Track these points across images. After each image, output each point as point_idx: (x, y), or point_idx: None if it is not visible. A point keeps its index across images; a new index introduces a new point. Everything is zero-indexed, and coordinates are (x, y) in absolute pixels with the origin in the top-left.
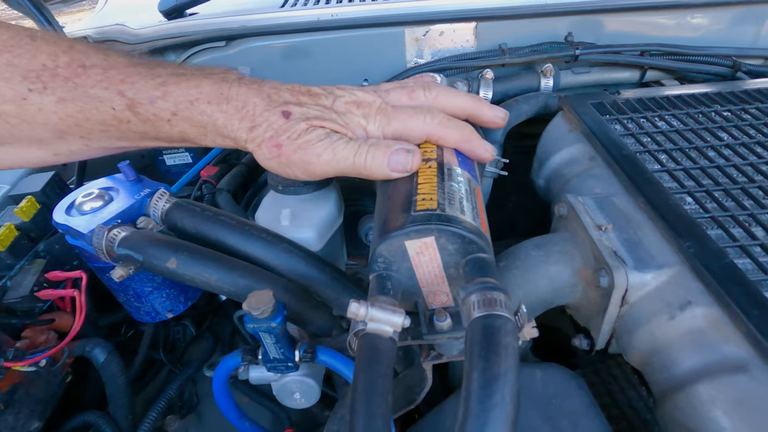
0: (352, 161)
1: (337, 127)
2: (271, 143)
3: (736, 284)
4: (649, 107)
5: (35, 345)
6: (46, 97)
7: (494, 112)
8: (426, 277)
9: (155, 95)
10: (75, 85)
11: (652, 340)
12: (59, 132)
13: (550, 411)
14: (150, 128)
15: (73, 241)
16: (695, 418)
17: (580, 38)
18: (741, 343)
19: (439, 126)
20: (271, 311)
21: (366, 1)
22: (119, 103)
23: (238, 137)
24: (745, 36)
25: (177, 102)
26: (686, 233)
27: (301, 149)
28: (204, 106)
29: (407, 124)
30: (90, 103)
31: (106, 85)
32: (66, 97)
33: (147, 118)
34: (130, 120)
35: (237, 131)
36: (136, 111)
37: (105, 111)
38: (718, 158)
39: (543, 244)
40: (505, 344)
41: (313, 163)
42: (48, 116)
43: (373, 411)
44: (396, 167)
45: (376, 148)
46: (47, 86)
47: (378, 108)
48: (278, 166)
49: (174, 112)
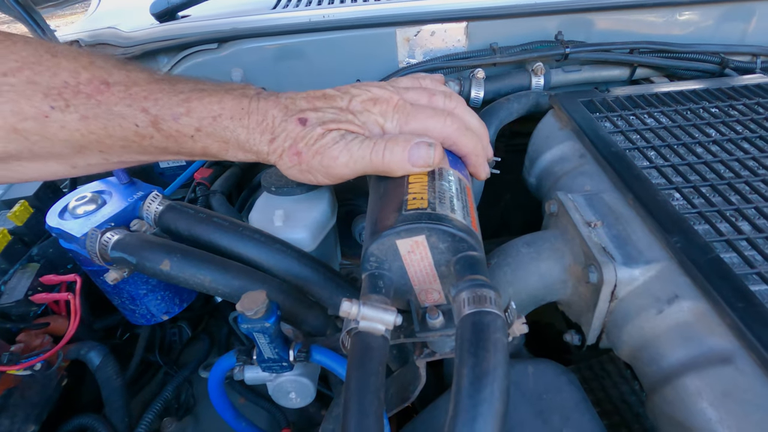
0: (369, 159)
1: (353, 128)
2: (290, 152)
3: (722, 278)
4: (638, 104)
5: (30, 349)
6: (69, 115)
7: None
8: (418, 275)
9: (179, 112)
10: (98, 102)
11: (641, 335)
12: (79, 148)
13: (541, 406)
14: (172, 144)
15: (67, 245)
16: (683, 410)
17: (570, 37)
18: (726, 335)
19: (457, 131)
20: (265, 311)
21: (357, 2)
22: (143, 120)
23: (260, 150)
24: (732, 33)
25: (201, 118)
26: (674, 229)
27: (318, 154)
28: (227, 122)
29: (426, 124)
30: (113, 120)
31: (130, 102)
32: (89, 115)
33: (170, 134)
34: (153, 136)
35: (258, 144)
36: (159, 127)
37: (128, 128)
38: (706, 154)
39: (534, 241)
40: (495, 340)
41: (331, 166)
42: (70, 133)
43: (366, 409)
44: (417, 162)
45: (394, 143)
46: (70, 104)
47: (396, 105)
48: (300, 173)
49: (198, 128)
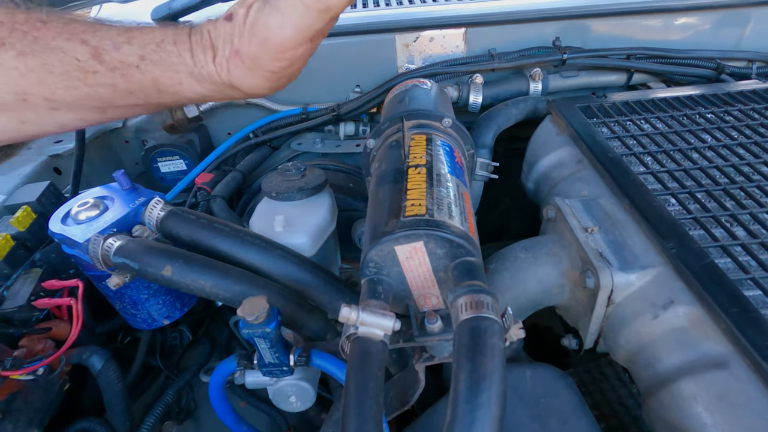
0: (301, 4)
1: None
2: (232, 56)
3: (716, 283)
4: (634, 110)
5: (33, 354)
6: (5, 53)
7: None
8: (416, 280)
9: (120, 40)
10: (35, 39)
11: (637, 339)
12: (22, 93)
13: (539, 409)
14: (119, 78)
15: (70, 251)
16: (678, 414)
17: (568, 43)
18: (721, 340)
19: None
20: (266, 317)
21: (357, 8)
22: (83, 52)
23: (210, 72)
24: (729, 39)
25: (143, 45)
26: (669, 234)
27: (252, 36)
28: (170, 47)
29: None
30: (52, 54)
31: (68, 36)
32: (26, 51)
33: (113, 66)
34: (96, 70)
35: (206, 65)
36: (102, 59)
37: (68, 62)
38: (701, 160)
39: (531, 246)
40: (492, 345)
41: (268, 37)
42: (8, 73)
43: (365, 413)
44: None
45: None
46: (5, 41)
47: None
48: (249, 74)
49: (141, 56)
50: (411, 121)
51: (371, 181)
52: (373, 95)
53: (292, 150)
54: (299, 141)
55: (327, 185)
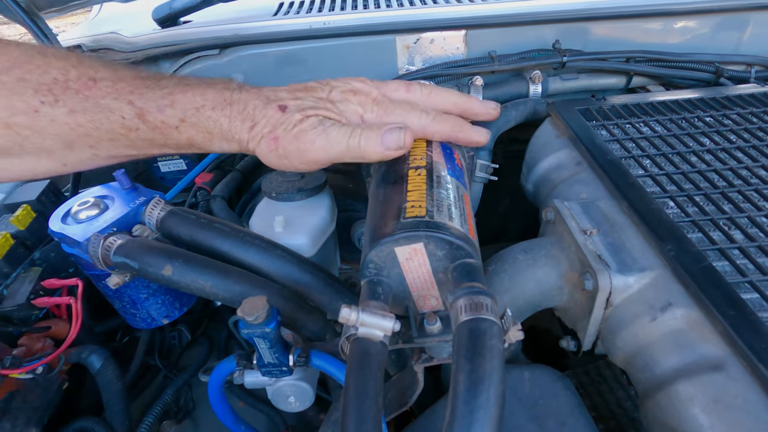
0: (346, 144)
1: (330, 114)
2: (269, 138)
3: (714, 286)
4: (633, 113)
5: (32, 352)
6: (58, 109)
7: (484, 106)
8: (416, 282)
9: (163, 104)
10: (86, 97)
11: (635, 341)
12: (69, 142)
13: (537, 411)
14: (158, 135)
15: (69, 250)
16: (675, 416)
17: (568, 45)
18: (718, 343)
19: (433, 121)
20: (265, 317)
21: (358, 10)
22: (129, 112)
23: (242, 138)
24: (727, 42)
25: (184, 109)
26: (667, 237)
27: (296, 139)
28: (209, 112)
29: (404, 118)
30: (101, 113)
31: (116, 96)
32: (77, 109)
33: (155, 125)
34: (139, 128)
35: (240, 132)
36: (146, 119)
37: (115, 120)
38: (700, 163)
39: (530, 248)
40: (491, 347)
41: (307, 150)
42: (59, 127)
43: (364, 413)
44: (390, 145)
45: (369, 129)
46: (59, 99)
47: (375, 98)
48: (277, 159)
49: (182, 119)
50: None
51: (371, 182)
52: None
53: None
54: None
55: (327, 186)
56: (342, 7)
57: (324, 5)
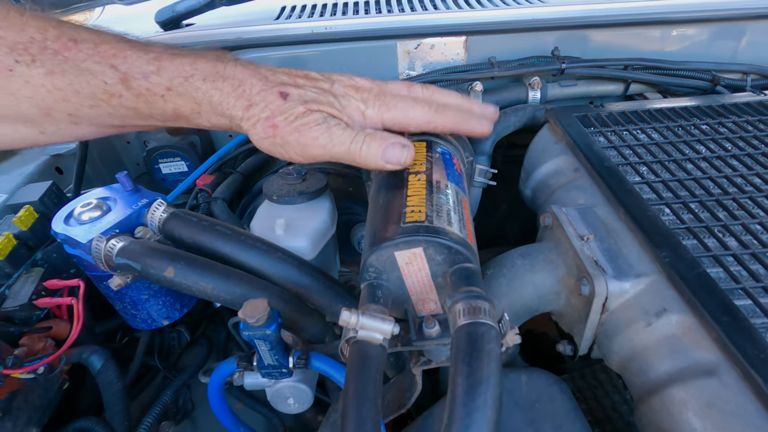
0: (347, 148)
1: (334, 111)
2: (267, 123)
3: (708, 293)
4: (631, 120)
5: (33, 352)
6: (35, 70)
7: (483, 109)
8: (415, 285)
9: (149, 69)
10: (65, 59)
11: (631, 346)
12: (46, 108)
13: (533, 414)
14: (143, 104)
15: (72, 251)
16: (669, 420)
17: (567, 52)
18: (711, 348)
19: (436, 113)
20: (266, 319)
21: (359, 15)
22: (111, 76)
23: (234, 115)
24: (724, 51)
25: (172, 77)
26: (663, 243)
27: (297, 131)
28: (199, 83)
29: (407, 113)
30: (81, 76)
31: (98, 59)
32: (55, 70)
33: (140, 93)
34: (122, 95)
35: (233, 109)
36: (129, 85)
37: (96, 85)
38: (695, 171)
39: (528, 253)
40: (488, 351)
41: (309, 145)
42: (35, 89)
43: (363, 415)
44: (390, 159)
45: (372, 138)
46: (36, 59)
47: (377, 94)
48: (272, 146)
49: (168, 87)
50: None
51: (371, 186)
52: None
53: None
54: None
55: (328, 189)
56: (344, 12)
57: (326, 10)
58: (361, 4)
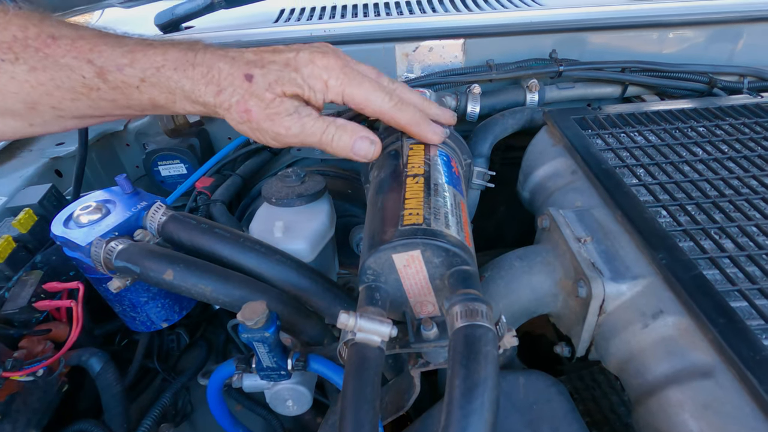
0: (318, 138)
1: (297, 90)
2: (239, 108)
3: (704, 295)
4: (628, 122)
5: (32, 355)
6: (19, 67)
7: (441, 112)
8: (413, 288)
9: (123, 63)
10: (45, 55)
11: (628, 348)
12: (31, 102)
13: (531, 416)
14: (120, 96)
15: (71, 253)
16: (665, 422)
17: (564, 55)
18: (707, 350)
19: (395, 107)
20: (265, 321)
21: (358, 18)
22: (89, 71)
23: (207, 102)
24: (721, 53)
25: (144, 69)
26: (659, 245)
27: (270, 120)
28: (170, 72)
29: (368, 95)
30: (61, 71)
31: (75, 55)
32: (38, 67)
33: (116, 85)
34: (99, 87)
35: (204, 96)
36: (106, 78)
37: (75, 79)
38: (692, 173)
39: (526, 255)
40: (485, 353)
41: (282, 134)
42: (20, 85)
43: (362, 418)
44: (359, 153)
45: (343, 131)
46: (19, 57)
47: (342, 67)
48: (250, 130)
49: (142, 79)
50: None
51: (370, 188)
52: None
53: (292, 155)
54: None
55: (326, 192)
56: (342, 15)
57: (324, 13)
58: (360, 7)
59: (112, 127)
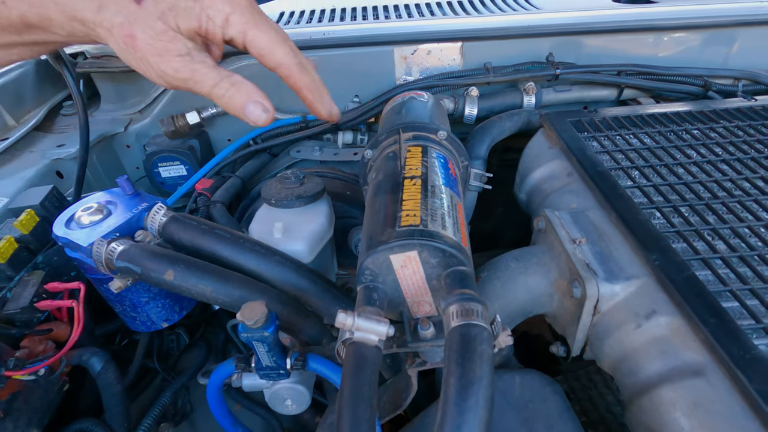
0: (209, 90)
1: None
2: (122, 32)
3: (696, 295)
4: (623, 125)
5: (34, 354)
6: None
7: (330, 103)
8: (410, 288)
9: None
10: None
11: (621, 348)
12: None
13: (526, 414)
14: None
15: (73, 254)
16: (658, 420)
17: (561, 58)
18: (699, 349)
19: (298, 65)
20: (264, 321)
21: (357, 21)
22: None
23: (85, 18)
24: (716, 57)
25: None
26: (653, 246)
27: (158, 56)
28: None
29: (273, 44)
30: None
31: None
32: None
33: None
34: None
35: (82, 11)
36: None
37: None
38: (686, 175)
39: (522, 256)
40: (480, 352)
41: (168, 74)
42: None
43: (359, 416)
44: (249, 116)
45: (237, 89)
46: None
47: (250, 6)
48: (134, 60)
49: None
50: (407, 133)
51: (368, 190)
52: (371, 106)
53: (291, 157)
54: (298, 149)
55: (325, 193)
56: (342, 18)
57: (324, 16)
58: (359, 10)
59: (113, 129)
